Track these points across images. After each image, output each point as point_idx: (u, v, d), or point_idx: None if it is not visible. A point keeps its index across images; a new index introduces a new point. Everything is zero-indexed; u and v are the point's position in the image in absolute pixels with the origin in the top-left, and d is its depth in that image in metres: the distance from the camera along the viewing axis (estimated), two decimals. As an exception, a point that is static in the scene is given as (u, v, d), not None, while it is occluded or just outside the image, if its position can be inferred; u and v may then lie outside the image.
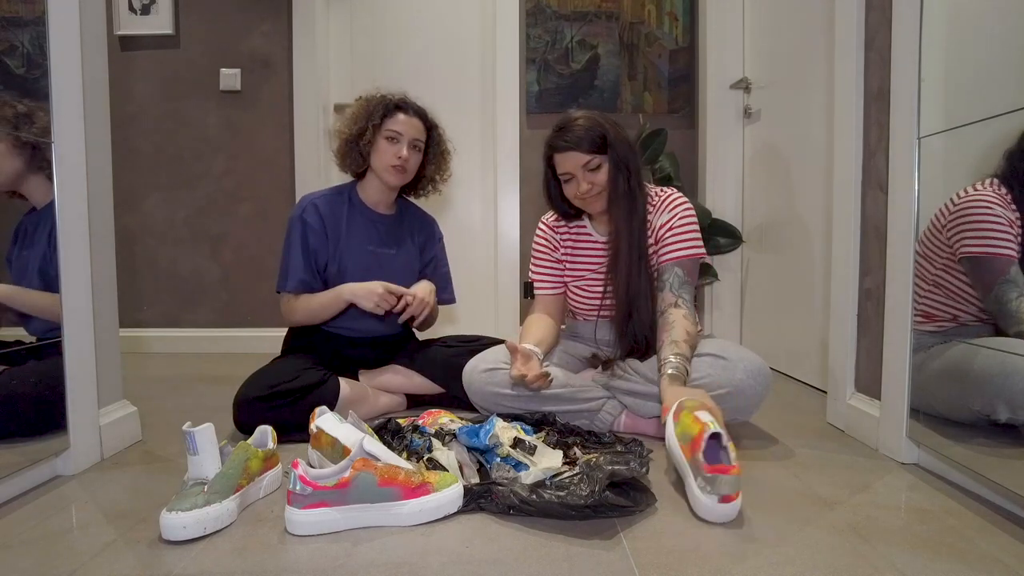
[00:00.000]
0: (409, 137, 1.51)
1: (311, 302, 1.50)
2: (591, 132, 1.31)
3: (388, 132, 1.50)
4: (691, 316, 1.31)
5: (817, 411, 1.55)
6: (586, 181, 1.33)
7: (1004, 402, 0.96)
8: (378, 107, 1.50)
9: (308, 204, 1.53)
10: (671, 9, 2.48)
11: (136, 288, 2.54)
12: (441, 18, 2.56)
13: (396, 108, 1.51)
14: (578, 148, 1.31)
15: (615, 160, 1.32)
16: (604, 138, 1.31)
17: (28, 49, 1.11)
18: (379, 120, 1.49)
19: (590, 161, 1.31)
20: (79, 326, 1.16)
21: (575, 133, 1.31)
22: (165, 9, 2.46)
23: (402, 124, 1.50)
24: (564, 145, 1.32)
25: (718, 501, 0.92)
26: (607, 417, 1.37)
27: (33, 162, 1.09)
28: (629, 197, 1.34)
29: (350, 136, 1.51)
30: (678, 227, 1.37)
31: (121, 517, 0.95)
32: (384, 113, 1.50)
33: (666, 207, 1.39)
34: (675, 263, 1.36)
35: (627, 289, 1.35)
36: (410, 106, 1.53)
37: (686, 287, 1.35)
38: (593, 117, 1.33)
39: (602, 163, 1.33)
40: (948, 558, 0.82)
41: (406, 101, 1.54)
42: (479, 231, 2.62)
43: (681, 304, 1.32)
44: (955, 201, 1.05)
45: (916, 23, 1.13)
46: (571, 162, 1.32)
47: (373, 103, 1.51)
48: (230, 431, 1.35)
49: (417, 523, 0.92)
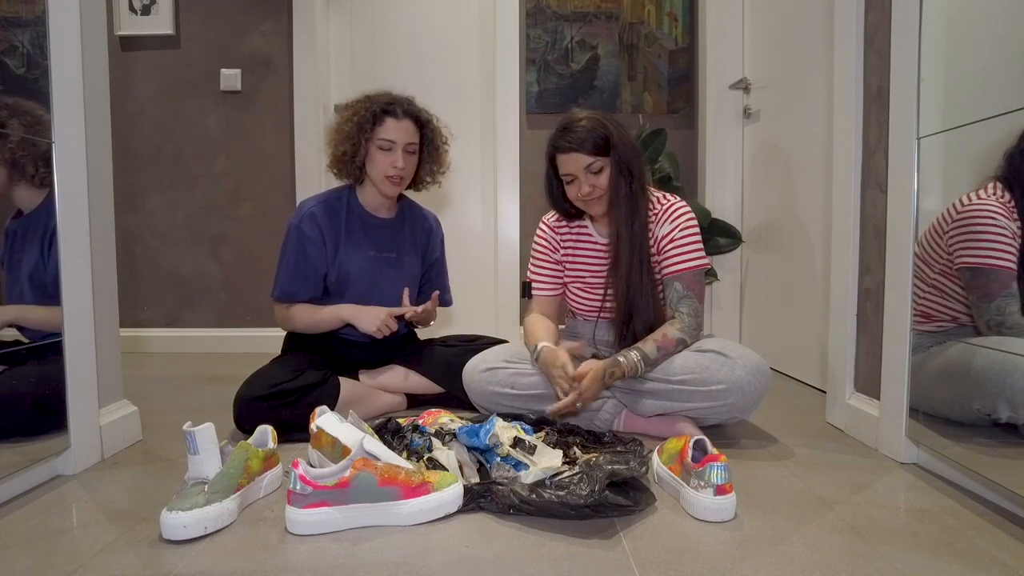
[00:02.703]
0: (402, 143, 1.45)
1: (309, 318, 1.50)
2: (594, 134, 1.29)
3: (380, 142, 1.44)
4: (683, 326, 1.32)
5: (816, 411, 1.55)
6: (588, 183, 1.32)
7: (1004, 401, 0.96)
8: (366, 117, 1.44)
9: (306, 213, 1.49)
10: (671, 9, 2.48)
11: (136, 288, 2.54)
12: (441, 18, 2.55)
13: (384, 113, 1.45)
14: (581, 150, 1.29)
15: (617, 163, 1.31)
16: (607, 140, 1.30)
17: (28, 49, 1.11)
18: (369, 130, 1.44)
19: (592, 163, 1.30)
20: (79, 326, 1.16)
21: (578, 134, 1.30)
22: (165, 9, 2.46)
23: (393, 131, 1.45)
24: (567, 146, 1.31)
25: (714, 494, 0.92)
26: (607, 417, 1.37)
27: (16, 169, 1.08)
28: (631, 201, 1.33)
29: (342, 155, 1.46)
30: (679, 239, 1.35)
31: (121, 517, 0.95)
32: (373, 121, 1.44)
33: (668, 217, 1.37)
34: (675, 277, 1.35)
35: (627, 292, 1.34)
36: (399, 108, 1.46)
37: (685, 301, 1.34)
38: (597, 118, 1.32)
39: (604, 166, 1.31)
40: (948, 558, 0.82)
41: (393, 103, 1.46)
42: (479, 231, 2.62)
43: (676, 319, 1.34)
44: (958, 208, 1.04)
45: (916, 23, 1.13)
46: (573, 164, 1.32)
47: (360, 114, 1.44)
48: (230, 431, 1.35)
49: (417, 523, 0.92)
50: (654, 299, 1.36)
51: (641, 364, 1.26)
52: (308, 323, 1.51)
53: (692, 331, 1.32)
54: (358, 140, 1.44)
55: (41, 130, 1.09)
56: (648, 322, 1.34)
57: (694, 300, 1.35)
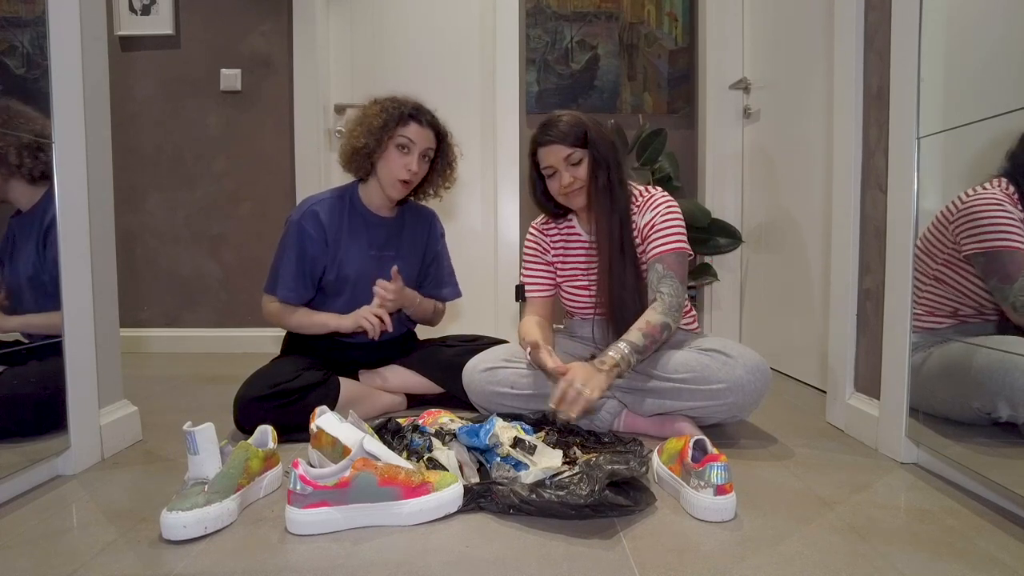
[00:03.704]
0: (421, 148, 1.47)
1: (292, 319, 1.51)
2: (573, 128, 1.35)
3: (400, 139, 1.46)
4: (664, 308, 1.30)
5: (816, 411, 1.55)
6: (568, 174, 1.36)
7: (1005, 400, 0.96)
8: (393, 115, 1.45)
9: (308, 210, 1.49)
10: (671, 9, 2.48)
11: (136, 288, 2.53)
12: (441, 18, 2.55)
13: (411, 117, 1.46)
14: (562, 142, 1.35)
15: (595, 155, 1.36)
16: (585, 134, 1.36)
17: (28, 49, 1.11)
18: (393, 128, 1.46)
19: (571, 154, 1.35)
20: (79, 326, 1.16)
21: (559, 128, 1.36)
22: (165, 9, 2.46)
23: (415, 133, 1.46)
24: (547, 139, 1.36)
25: (714, 494, 0.92)
26: (607, 417, 1.37)
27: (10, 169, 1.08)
28: (608, 191, 1.37)
29: (362, 147, 1.46)
30: (660, 224, 1.38)
31: (121, 517, 0.95)
32: (399, 121, 1.46)
33: (649, 206, 1.40)
34: (657, 259, 1.36)
35: (610, 283, 1.36)
36: (423, 116, 1.48)
37: (665, 280, 1.34)
38: (576, 115, 1.38)
39: (583, 157, 1.36)
40: (948, 558, 0.82)
41: (420, 110, 1.49)
42: (479, 231, 2.62)
43: (657, 299, 1.32)
44: (962, 199, 1.05)
45: (916, 23, 1.13)
46: (554, 155, 1.36)
47: (388, 111, 1.46)
48: (230, 431, 1.36)
49: (417, 523, 0.92)
50: (639, 291, 1.37)
51: (631, 353, 1.23)
52: (292, 325, 1.52)
53: (674, 312, 1.31)
54: (380, 136, 1.46)
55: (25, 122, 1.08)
56: (635, 312, 1.35)
57: (675, 280, 1.33)
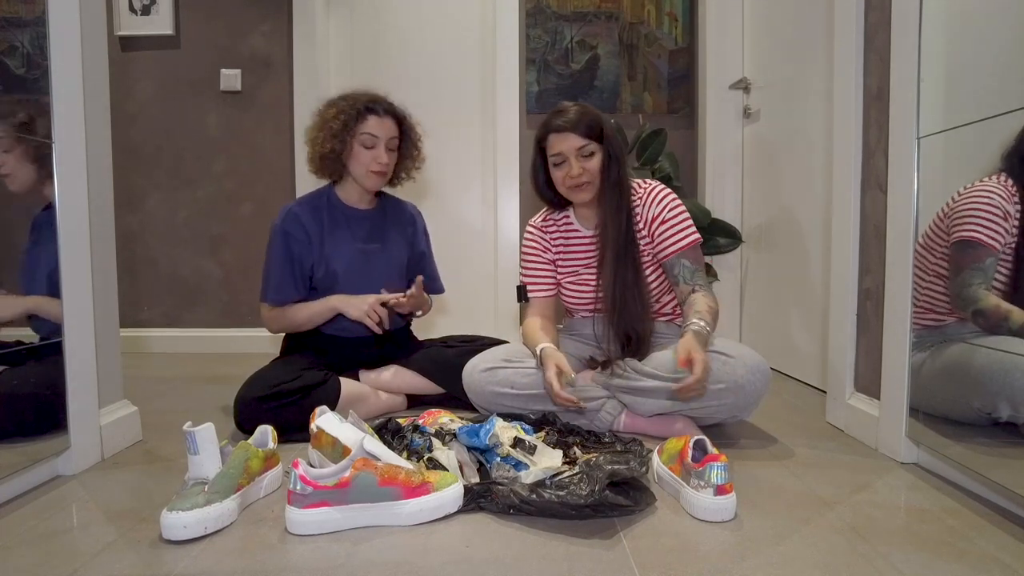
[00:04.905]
0: (385, 139, 1.49)
1: (298, 314, 1.51)
2: (588, 118, 1.34)
3: (363, 137, 1.47)
4: (711, 297, 1.35)
5: (817, 411, 1.55)
6: (578, 166, 1.35)
7: (1005, 399, 0.96)
8: (351, 115, 1.46)
9: (288, 213, 1.51)
10: (671, 9, 2.48)
11: (136, 288, 2.53)
12: (441, 18, 2.55)
13: (367, 111, 1.47)
14: (575, 131, 1.33)
15: (609, 151, 1.36)
16: (601, 128, 1.35)
17: (28, 49, 1.11)
18: (353, 127, 1.46)
19: (585, 146, 1.34)
20: (79, 326, 1.16)
21: (572, 116, 1.34)
22: (165, 9, 2.46)
23: (376, 127, 1.48)
24: (561, 125, 1.34)
25: (714, 494, 0.92)
26: (607, 417, 1.37)
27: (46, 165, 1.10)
28: (618, 189, 1.37)
29: (329, 152, 1.47)
30: (671, 218, 1.38)
31: (121, 517, 0.95)
32: (356, 118, 1.47)
33: (653, 200, 1.41)
34: (679, 255, 1.38)
35: (614, 281, 1.37)
36: (380, 106, 1.49)
37: (698, 275, 1.38)
38: (591, 108, 1.38)
39: (596, 151, 1.36)
40: (948, 558, 0.82)
41: (375, 101, 1.49)
42: (478, 231, 2.61)
43: (699, 290, 1.36)
44: (960, 192, 1.06)
45: (915, 23, 1.13)
46: (567, 143, 1.34)
47: (345, 112, 1.46)
48: (230, 431, 1.36)
49: (417, 523, 0.92)
50: (641, 288, 1.37)
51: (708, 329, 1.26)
52: (300, 320, 1.52)
53: (714, 299, 1.35)
54: (344, 137, 1.46)
55: None
56: (637, 313, 1.36)
57: (703, 273, 1.39)
